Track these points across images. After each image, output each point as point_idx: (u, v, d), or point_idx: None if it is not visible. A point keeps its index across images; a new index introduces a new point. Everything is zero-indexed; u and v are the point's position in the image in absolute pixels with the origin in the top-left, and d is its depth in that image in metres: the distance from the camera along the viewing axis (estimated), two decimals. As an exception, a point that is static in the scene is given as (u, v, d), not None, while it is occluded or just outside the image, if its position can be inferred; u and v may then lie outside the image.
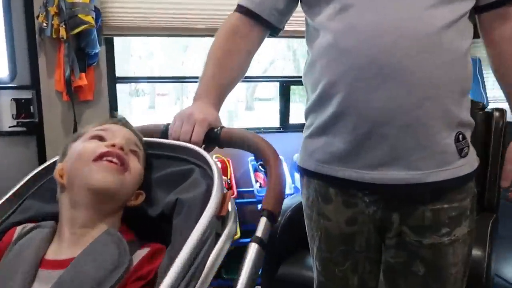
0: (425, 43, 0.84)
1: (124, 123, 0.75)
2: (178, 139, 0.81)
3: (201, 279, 0.52)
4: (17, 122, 2.09)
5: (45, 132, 2.08)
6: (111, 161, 0.63)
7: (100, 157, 0.62)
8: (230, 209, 0.63)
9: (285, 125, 2.26)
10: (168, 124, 0.88)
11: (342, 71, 0.89)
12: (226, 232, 0.60)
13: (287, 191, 2.06)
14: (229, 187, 2.05)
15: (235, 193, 2.00)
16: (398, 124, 0.86)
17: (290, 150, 1.98)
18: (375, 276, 1.03)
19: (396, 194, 0.91)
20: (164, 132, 0.85)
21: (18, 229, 0.65)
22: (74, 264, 0.56)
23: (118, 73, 2.15)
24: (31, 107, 2.10)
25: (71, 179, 0.64)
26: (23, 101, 2.09)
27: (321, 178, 0.99)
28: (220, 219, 0.58)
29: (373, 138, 0.88)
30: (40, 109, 2.08)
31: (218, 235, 0.58)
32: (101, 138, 0.67)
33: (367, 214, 0.97)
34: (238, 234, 1.98)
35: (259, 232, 0.65)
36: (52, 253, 0.60)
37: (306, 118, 1.03)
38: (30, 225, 0.65)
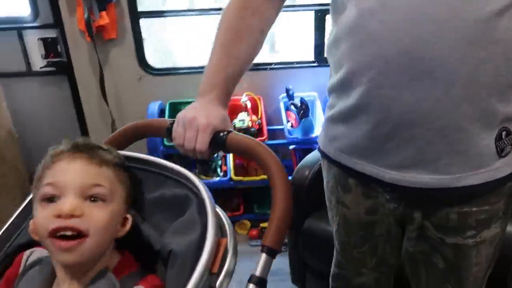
0: (473, 32, 0.69)
1: (82, 150, 0.65)
2: (182, 146, 0.76)
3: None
4: (47, 62, 2.09)
5: (75, 72, 2.08)
6: (65, 237, 0.59)
7: (52, 235, 0.59)
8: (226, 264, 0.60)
9: (320, 59, 2.09)
10: (173, 122, 0.82)
11: (366, 61, 0.77)
12: (217, 284, 0.58)
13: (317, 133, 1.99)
14: (260, 128, 2.01)
15: (266, 135, 1.96)
16: (428, 128, 0.76)
17: (325, 86, 1.86)
18: (396, 257, 1.01)
19: (419, 196, 0.84)
20: (169, 130, 0.79)
21: (24, 257, 0.67)
22: None
23: (141, 8, 2.01)
24: (58, 47, 2.07)
25: None
26: (49, 40, 2.06)
27: (340, 167, 0.93)
28: (212, 275, 0.56)
29: (396, 140, 0.79)
30: (67, 49, 2.04)
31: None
32: (51, 199, 0.61)
33: (388, 208, 0.91)
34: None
35: (258, 271, 0.63)
36: None
37: (328, 95, 0.93)
38: (35, 253, 0.67)
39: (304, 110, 1.99)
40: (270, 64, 2.15)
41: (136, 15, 1.99)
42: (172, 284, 0.57)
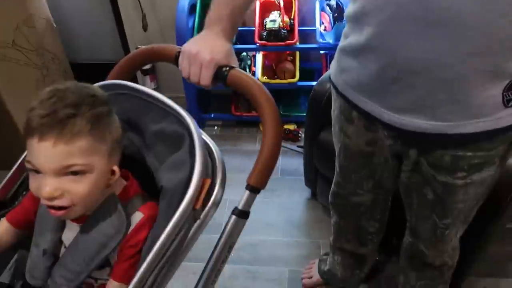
0: None
1: (52, 125, 0.62)
2: (188, 79, 0.79)
3: (174, 261, 0.65)
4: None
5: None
6: (53, 209, 0.66)
7: (46, 205, 0.66)
8: (213, 195, 0.68)
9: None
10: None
11: (377, 2, 0.73)
12: (201, 218, 0.67)
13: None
14: (291, 29, 1.94)
15: (296, 38, 1.90)
16: (432, 78, 0.75)
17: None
18: (392, 182, 1.08)
19: (414, 138, 0.86)
20: (177, 58, 0.81)
21: None
22: (83, 229, 0.71)
23: None
24: None
25: None
26: None
27: (345, 99, 0.95)
28: (196, 210, 0.65)
29: (398, 84, 0.79)
30: None
31: (195, 220, 0.67)
32: (37, 171, 0.64)
33: (386, 143, 0.95)
34: (297, 77, 2.00)
35: (240, 205, 0.71)
36: None
37: (346, 21, 0.90)
38: None
39: (338, 13, 1.88)
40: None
41: None
42: (162, 215, 0.67)
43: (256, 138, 2.20)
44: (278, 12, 1.95)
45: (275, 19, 1.91)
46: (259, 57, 2.09)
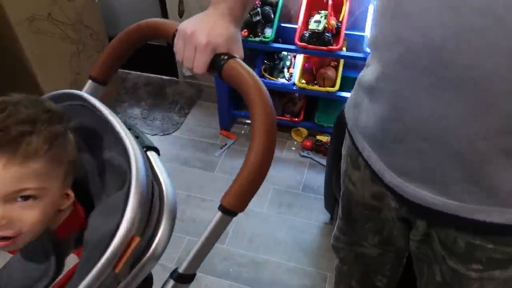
0: None
1: (3, 145, 0.54)
2: (182, 62, 0.65)
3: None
4: None
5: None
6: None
7: None
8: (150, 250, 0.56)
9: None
10: None
11: (391, 34, 0.58)
12: (128, 279, 0.55)
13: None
14: (337, 33, 1.74)
15: (340, 44, 1.70)
16: (444, 148, 0.58)
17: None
18: (404, 242, 0.90)
19: (420, 210, 0.68)
20: (174, 37, 0.67)
21: None
22: (8, 266, 0.62)
23: None
24: None
25: None
26: None
27: (352, 141, 0.79)
28: (116, 272, 0.54)
29: (404, 144, 0.64)
30: None
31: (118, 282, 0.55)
32: None
33: (392, 205, 0.77)
34: (337, 87, 1.81)
35: (207, 229, 0.59)
36: None
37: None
38: None
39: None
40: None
41: None
42: (81, 268, 0.57)
43: (285, 145, 2.05)
44: (325, 12, 1.75)
45: (319, 20, 1.72)
46: (300, 58, 1.92)
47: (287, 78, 1.93)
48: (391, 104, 0.62)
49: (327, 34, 1.71)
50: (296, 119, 2.01)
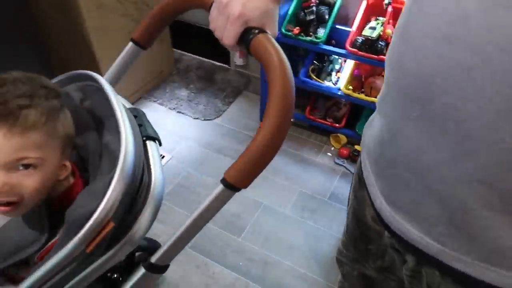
0: None
1: (4, 115, 0.58)
2: (214, 32, 0.65)
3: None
4: None
5: None
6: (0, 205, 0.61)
7: None
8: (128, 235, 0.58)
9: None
10: None
11: (396, 68, 0.55)
12: (100, 261, 0.58)
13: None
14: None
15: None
16: (426, 185, 0.56)
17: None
18: (403, 271, 0.85)
19: (407, 246, 0.64)
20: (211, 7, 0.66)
21: None
22: (7, 226, 0.68)
23: None
24: None
25: None
26: None
27: (361, 158, 0.77)
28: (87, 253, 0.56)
29: (393, 173, 0.62)
30: None
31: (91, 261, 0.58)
32: None
33: (385, 234, 0.74)
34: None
35: (208, 198, 0.60)
36: None
37: None
38: None
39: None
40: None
41: None
42: (60, 242, 0.60)
43: (321, 150, 2.01)
44: (383, 19, 1.67)
45: (375, 27, 1.65)
46: (350, 63, 1.86)
47: (333, 82, 1.88)
48: (387, 126, 0.59)
49: (380, 42, 1.63)
50: (337, 125, 1.95)
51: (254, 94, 2.29)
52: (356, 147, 1.92)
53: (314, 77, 1.90)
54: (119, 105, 0.66)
